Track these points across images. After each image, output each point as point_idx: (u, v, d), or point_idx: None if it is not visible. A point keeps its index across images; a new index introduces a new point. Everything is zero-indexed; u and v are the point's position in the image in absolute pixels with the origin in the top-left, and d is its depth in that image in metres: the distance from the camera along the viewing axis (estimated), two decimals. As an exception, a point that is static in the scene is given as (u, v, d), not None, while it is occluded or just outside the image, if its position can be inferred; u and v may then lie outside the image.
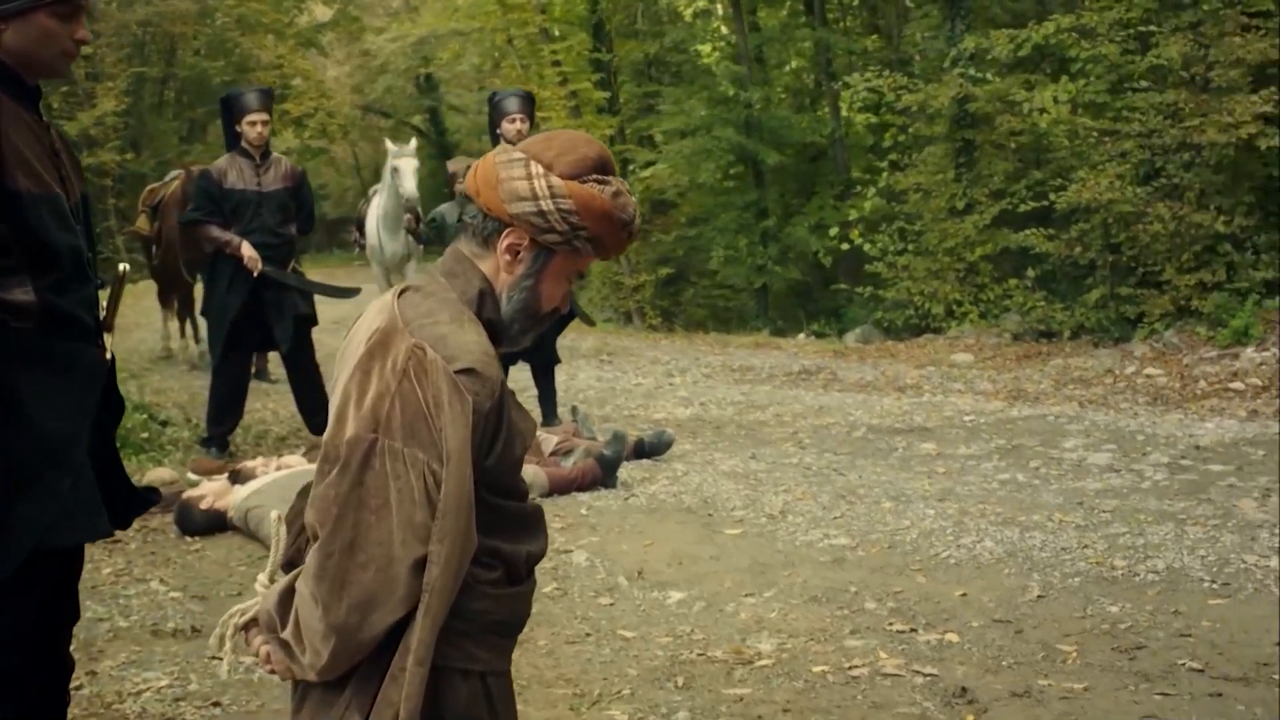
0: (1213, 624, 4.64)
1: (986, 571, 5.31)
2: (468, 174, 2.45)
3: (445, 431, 2.29)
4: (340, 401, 2.29)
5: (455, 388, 2.30)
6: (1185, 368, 10.32)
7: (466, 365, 2.32)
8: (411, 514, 2.27)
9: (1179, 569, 5.23)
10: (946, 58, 13.35)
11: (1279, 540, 5.54)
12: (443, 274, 2.48)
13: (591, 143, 2.43)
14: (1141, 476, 6.83)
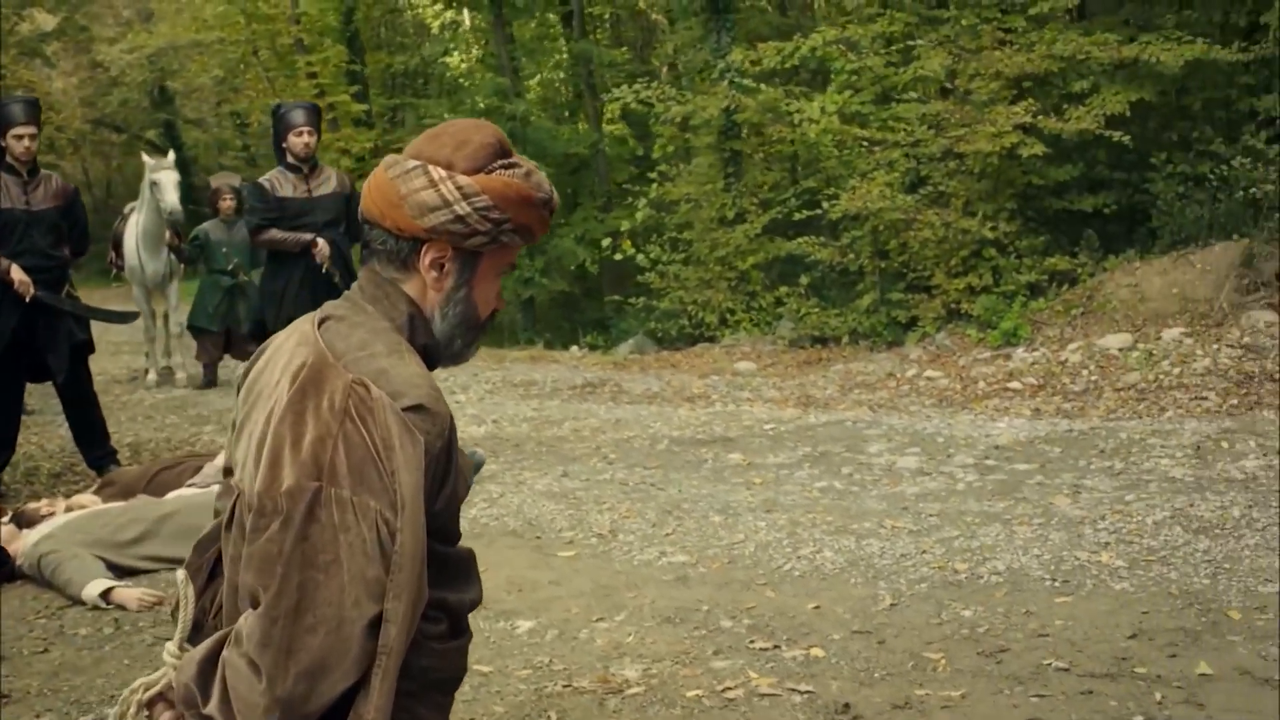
0: (1065, 622, 4.71)
1: (833, 582, 5.29)
2: (361, 197, 2.25)
3: (399, 476, 2.07)
4: (271, 447, 2.05)
5: (405, 427, 2.08)
6: (962, 369, 10.64)
7: (416, 401, 2.11)
8: (364, 569, 2.03)
9: (1018, 569, 5.31)
10: (715, 70, 13.48)
11: (1104, 536, 5.68)
12: (366, 300, 2.24)
13: (481, 126, 2.25)
14: (954, 479, 6.95)
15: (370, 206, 2.22)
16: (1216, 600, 4.87)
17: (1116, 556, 5.40)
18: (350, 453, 2.02)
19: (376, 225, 2.23)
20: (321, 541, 1.99)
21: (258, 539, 2.05)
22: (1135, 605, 4.86)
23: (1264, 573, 5.12)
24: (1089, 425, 8.26)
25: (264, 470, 2.06)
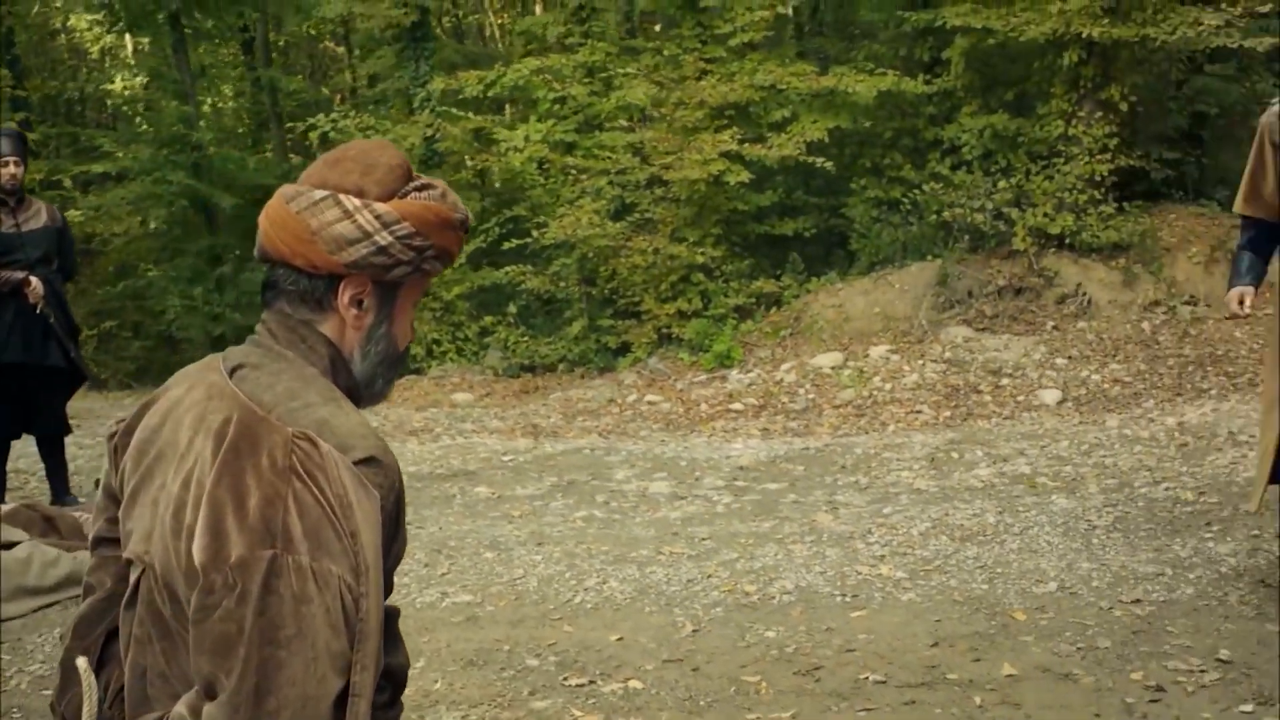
0: (867, 636, 4.80)
1: (627, 612, 5.23)
2: (262, 235, 2.05)
3: (360, 537, 1.88)
4: (209, 515, 1.83)
5: (359, 483, 1.90)
6: (681, 393, 10.79)
7: (367, 454, 1.94)
8: (328, 641, 1.83)
9: (806, 587, 5.38)
10: (415, 98, 13.29)
11: (878, 549, 5.84)
12: (282, 345, 2.03)
13: (384, 146, 2.09)
14: (710, 501, 7.02)
15: (275, 244, 2.00)
16: (999, 604, 5.06)
17: (896, 568, 5.55)
18: (304, 515, 1.82)
19: (284, 264, 2.02)
20: (280, 615, 1.78)
21: (208, 619, 1.81)
22: (927, 614, 5.00)
23: (1034, 574, 5.36)
24: (822, 443, 8.50)
25: (203, 541, 1.82)
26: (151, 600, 1.93)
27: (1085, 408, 9.03)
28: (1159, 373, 9.70)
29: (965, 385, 9.84)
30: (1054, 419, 8.73)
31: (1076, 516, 6.12)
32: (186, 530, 1.86)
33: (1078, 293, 10.99)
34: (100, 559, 2.17)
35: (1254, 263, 4.72)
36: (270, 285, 2.09)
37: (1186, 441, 7.50)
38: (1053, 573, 5.37)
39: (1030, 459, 7.45)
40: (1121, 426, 8.18)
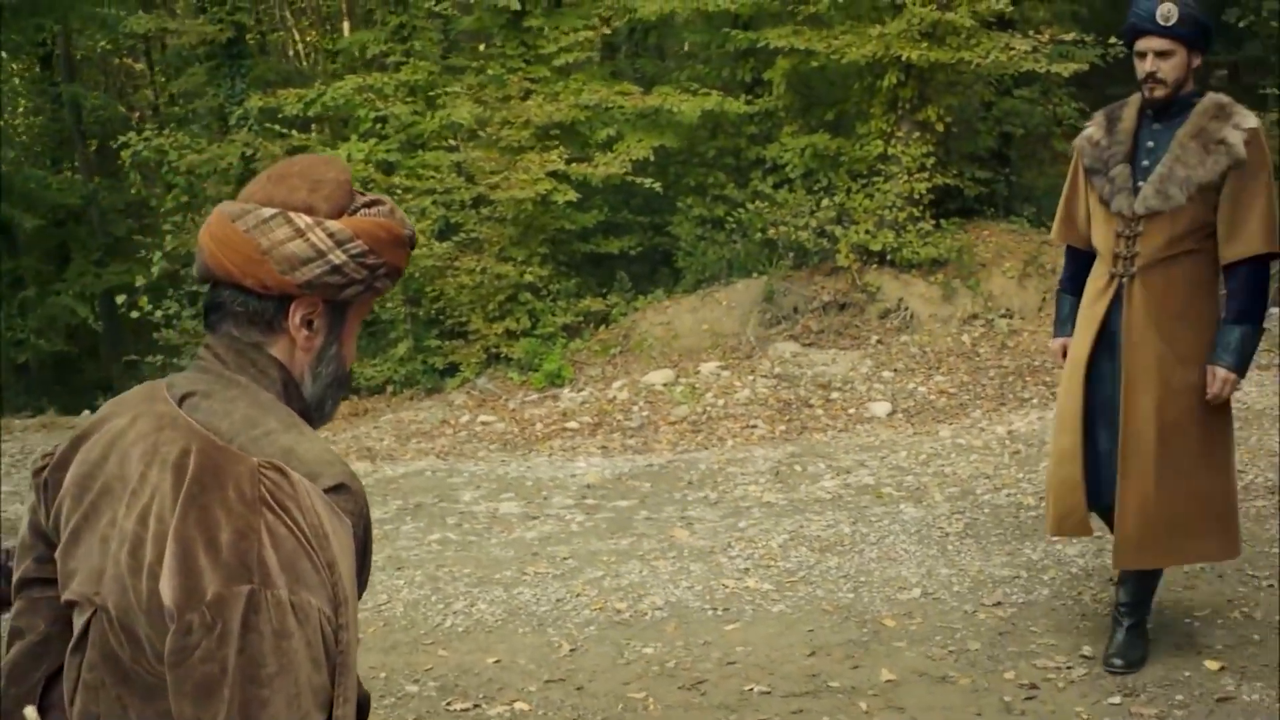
0: (744, 648, 4.85)
1: (501, 634, 5.18)
2: (206, 255, 1.95)
3: (337, 567, 1.85)
4: (177, 552, 1.75)
5: (332, 511, 1.87)
6: (514, 412, 10.73)
7: (336, 481, 1.90)
8: (310, 676, 1.79)
9: (676, 602, 5.41)
10: (232, 115, 12.96)
11: (741, 563, 5.90)
12: (232, 370, 1.95)
13: (330, 162, 2.03)
14: (564, 520, 7.00)
15: (222, 265, 1.92)
16: (867, 611, 5.17)
17: (762, 581, 5.61)
18: (279, 547, 1.76)
19: (232, 285, 1.94)
20: (261, 653, 1.72)
21: (186, 660, 1.73)
22: (799, 625, 5.08)
23: (897, 582, 5.49)
24: (664, 459, 8.55)
25: (175, 581, 1.74)
26: (105, 643, 1.85)
27: (915, 419, 9.28)
28: (981, 383, 10.03)
29: (797, 399, 10.01)
30: (887, 430, 8.95)
31: (928, 524, 6.29)
32: (148, 568, 1.78)
33: (900, 307, 11.30)
34: (29, 601, 2.08)
35: (1074, 307, 4.62)
36: (215, 307, 2.00)
37: (1019, 449, 7.77)
38: (914, 579, 5.51)
39: (872, 470, 7.62)
40: (954, 436, 8.43)
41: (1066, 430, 4.44)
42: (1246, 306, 4.21)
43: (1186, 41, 4.15)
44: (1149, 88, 4.23)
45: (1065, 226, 4.63)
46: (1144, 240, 4.25)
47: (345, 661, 1.86)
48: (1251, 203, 4.14)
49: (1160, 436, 4.23)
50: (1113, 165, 4.34)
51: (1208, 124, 4.18)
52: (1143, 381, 4.25)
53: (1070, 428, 4.42)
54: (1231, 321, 4.22)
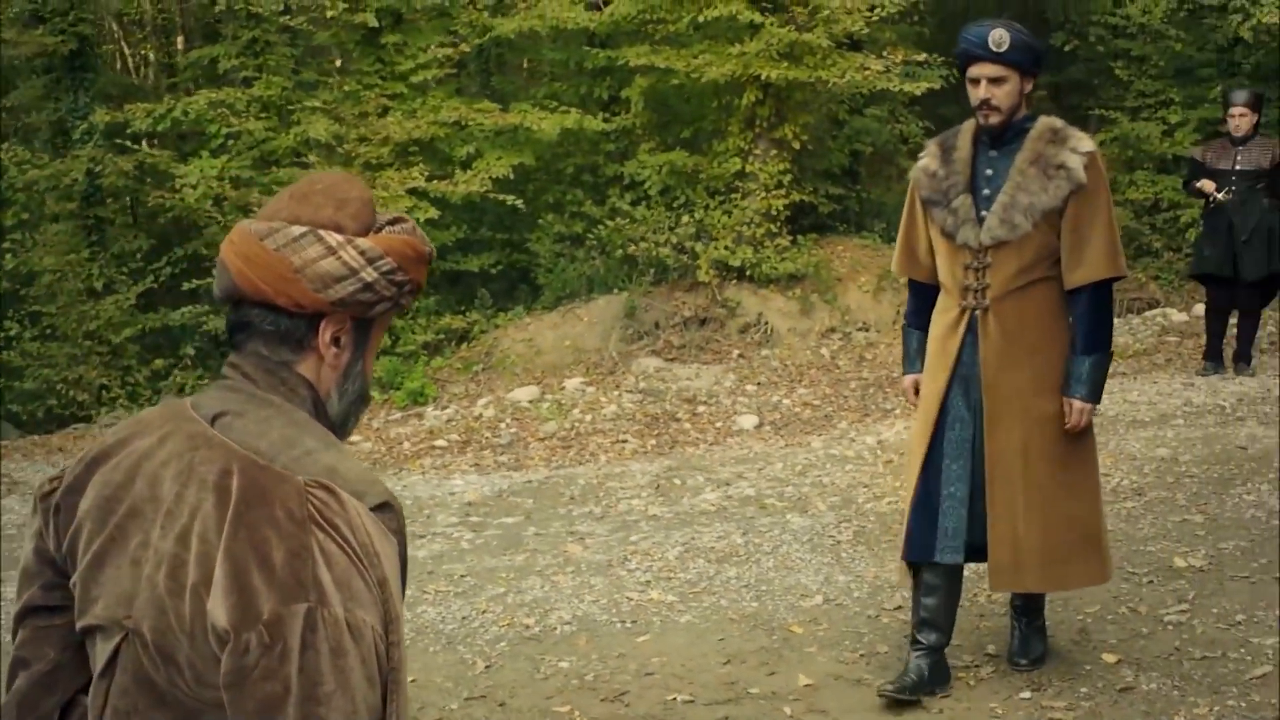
0: (660, 659, 4.91)
1: (412, 653, 5.12)
2: (235, 274, 1.93)
3: (388, 585, 1.87)
4: (229, 572, 1.75)
5: (381, 530, 1.90)
6: (379, 431, 10.63)
7: (381, 500, 1.93)
8: (366, 695, 1.81)
9: (585, 616, 5.45)
10: (76, 130, 12.58)
11: (642, 575, 5.96)
12: (263, 389, 1.96)
13: (350, 180, 2.05)
14: (452, 538, 6.97)
15: (253, 284, 1.91)
16: (773, 619, 5.28)
17: (665, 593, 5.68)
18: (332, 565, 1.77)
19: (263, 304, 1.93)
20: (319, 671, 1.73)
21: (246, 680, 1.73)
22: (709, 634, 5.16)
23: (798, 590, 5.61)
24: (541, 475, 8.57)
25: (230, 601, 1.73)
26: (138, 668, 1.83)
27: (783, 431, 9.46)
28: (844, 395, 10.28)
29: (664, 414, 10.13)
30: (758, 443, 9.11)
31: (817, 533, 6.43)
32: (191, 589, 1.78)
33: (759, 322, 11.52)
34: (34, 630, 2.03)
35: (922, 341, 4.54)
36: (241, 326, 2.00)
37: (891, 459, 7.98)
38: (814, 587, 5.64)
39: (751, 481, 7.75)
40: (826, 447, 8.62)
41: (914, 470, 4.43)
42: (1095, 333, 4.23)
43: (1020, 67, 4.12)
44: (983, 115, 4.18)
45: (906, 261, 4.54)
46: (993, 271, 4.20)
47: (397, 679, 1.87)
48: (1093, 227, 4.15)
49: (1025, 467, 4.21)
50: (953, 196, 4.26)
51: (1045, 149, 4.15)
52: (1004, 414, 4.22)
53: (919, 463, 4.38)
54: (1082, 351, 4.22)
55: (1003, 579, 4.34)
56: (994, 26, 4.13)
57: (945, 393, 4.29)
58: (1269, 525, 5.98)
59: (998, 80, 4.11)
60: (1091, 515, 4.37)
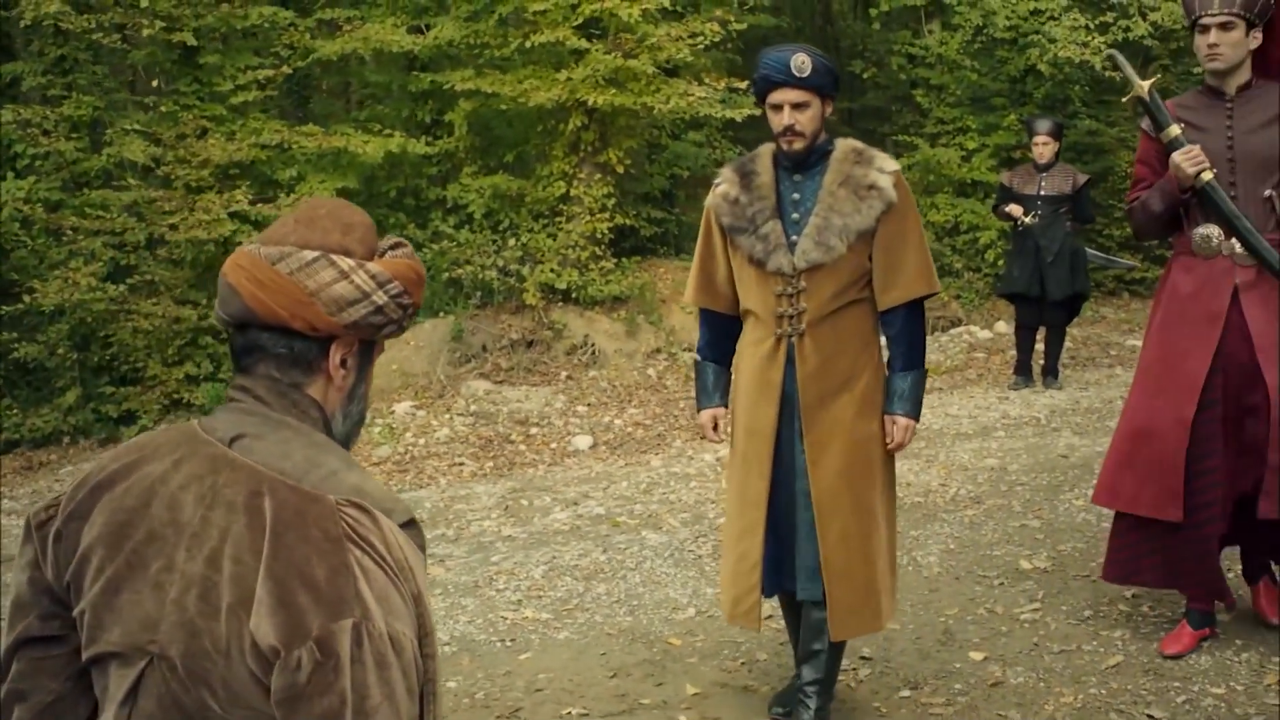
0: (546, 675, 5.00)
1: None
2: (248, 298, 1.97)
3: (422, 600, 1.97)
4: (272, 591, 1.81)
5: (411, 546, 1.99)
6: (205, 460, 10.41)
7: (408, 517, 2.04)
8: (408, 707, 1.90)
9: (462, 636, 5.49)
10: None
11: (513, 595, 6.03)
12: (278, 411, 2.01)
13: (348, 205, 2.12)
14: (308, 563, 6.91)
15: (268, 308, 1.96)
16: (650, 632, 5.41)
17: (539, 611, 5.76)
18: (371, 581, 1.84)
19: (278, 327, 1.98)
20: (366, 684, 1.80)
21: (301, 695, 1.78)
22: (590, 650, 5.27)
23: (669, 603, 5.76)
24: (385, 499, 8.53)
25: (276, 619, 1.79)
26: (165, 692, 1.86)
27: (618, 450, 9.62)
28: (673, 415, 10.49)
29: (497, 436, 10.18)
30: (597, 463, 9.24)
31: (676, 548, 6.59)
32: (227, 610, 1.82)
33: (586, 343, 11.66)
34: (31, 662, 2.03)
35: (719, 375, 4.45)
36: (250, 350, 2.03)
37: (732, 474, 8.20)
38: (684, 600, 5.80)
39: (599, 500, 7.87)
40: (666, 465, 8.80)
41: (751, 506, 4.23)
42: (912, 351, 4.19)
43: (821, 91, 4.05)
44: (787, 140, 4.08)
45: (703, 291, 4.40)
46: (808, 296, 4.11)
47: (433, 690, 1.95)
48: (906, 245, 4.11)
49: (851, 493, 4.12)
50: (761, 223, 4.14)
51: (852, 170, 4.09)
52: (826, 440, 4.13)
53: (756, 503, 4.21)
54: (902, 368, 4.18)
55: (848, 625, 4.16)
56: (795, 51, 4.05)
57: (778, 424, 4.18)
58: (1100, 528, 6.38)
59: (801, 105, 4.03)
60: (892, 545, 4.33)
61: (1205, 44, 4.47)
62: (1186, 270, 4.64)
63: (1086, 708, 4.39)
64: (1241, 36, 4.44)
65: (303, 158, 11.67)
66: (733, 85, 11.46)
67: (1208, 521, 4.56)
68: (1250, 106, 4.53)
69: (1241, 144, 4.50)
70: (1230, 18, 4.39)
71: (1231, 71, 4.51)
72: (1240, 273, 4.51)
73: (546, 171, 11.86)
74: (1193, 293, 4.59)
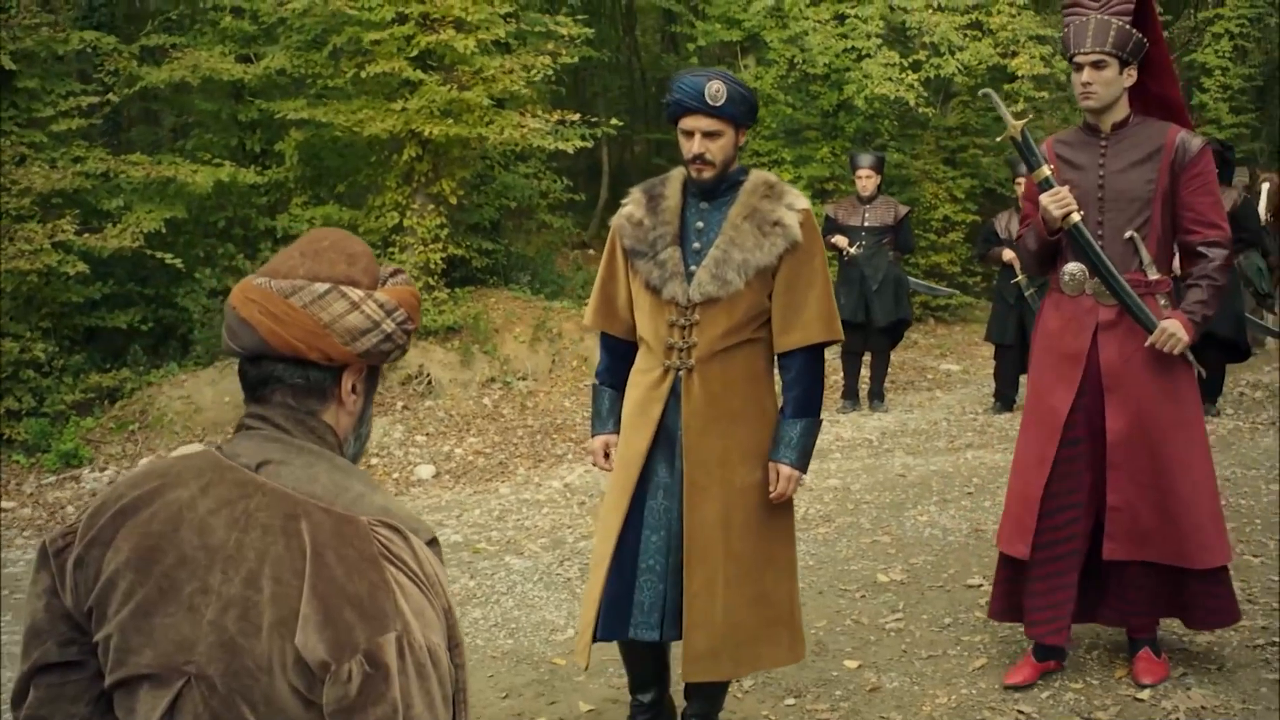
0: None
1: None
2: (265, 333, 2.06)
3: (451, 613, 2.12)
4: (318, 608, 1.92)
5: (439, 563, 2.15)
6: (33, 496, 10.10)
7: (431, 535, 2.18)
8: (444, 716, 2.02)
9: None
10: None
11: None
12: (299, 437, 2.13)
13: (348, 235, 2.23)
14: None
15: (285, 341, 2.05)
16: (533, 654, 5.54)
17: (419, 635, 5.83)
18: (407, 596, 1.96)
19: (294, 359, 2.09)
20: (410, 694, 1.92)
21: (355, 705, 1.89)
22: (478, 671, 5.36)
23: (547, 625, 5.89)
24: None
25: (324, 635, 1.90)
26: (205, 710, 1.93)
27: (463, 479, 9.69)
28: (513, 443, 10.61)
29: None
30: (443, 491, 9.31)
31: (543, 572, 6.73)
32: (269, 628, 1.92)
33: (421, 373, 11.68)
34: (50, 689, 2.07)
35: (614, 401, 4.31)
36: (265, 381, 2.13)
37: (584, 500, 8.38)
38: (561, 621, 5.94)
39: (454, 528, 7.95)
40: (515, 493, 8.91)
41: (604, 538, 4.14)
42: (807, 398, 4.07)
43: (735, 121, 3.94)
44: (696, 168, 3.97)
45: (602, 314, 4.29)
46: (700, 330, 3.98)
47: (464, 699, 2.08)
48: (809, 287, 3.99)
49: (725, 541, 3.98)
50: (661, 248, 4.03)
51: (760, 204, 3.96)
52: (706, 483, 3.99)
53: (608, 535, 4.11)
54: (793, 415, 4.04)
55: (699, 668, 4.04)
56: (711, 78, 3.92)
57: (647, 458, 4.05)
58: (946, 541, 6.76)
59: (713, 134, 3.92)
60: (789, 591, 4.19)
61: (1080, 82, 4.53)
62: (1055, 307, 4.72)
63: (961, 707, 4.69)
64: (1115, 75, 4.48)
65: (129, 187, 11.43)
66: (565, 118, 11.66)
67: (1066, 556, 4.63)
68: (1123, 145, 4.58)
69: (1111, 182, 4.57)
70: (1103, 56, 4.44)
71: (1106, 109, 4.56)
72: (1103, 312, 4.58)
73: (379, 202, 11.87)
74: (1059, 330, 4.66)
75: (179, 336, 12.27)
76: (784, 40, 14.85)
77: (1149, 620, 4.78)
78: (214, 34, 11.91)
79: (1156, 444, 4.53)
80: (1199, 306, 4.50)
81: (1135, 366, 4.53)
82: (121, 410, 11.29)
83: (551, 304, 12.75)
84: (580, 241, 16.23)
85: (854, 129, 15.19)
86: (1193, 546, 4.54)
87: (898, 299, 10.39)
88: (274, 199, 12.45)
